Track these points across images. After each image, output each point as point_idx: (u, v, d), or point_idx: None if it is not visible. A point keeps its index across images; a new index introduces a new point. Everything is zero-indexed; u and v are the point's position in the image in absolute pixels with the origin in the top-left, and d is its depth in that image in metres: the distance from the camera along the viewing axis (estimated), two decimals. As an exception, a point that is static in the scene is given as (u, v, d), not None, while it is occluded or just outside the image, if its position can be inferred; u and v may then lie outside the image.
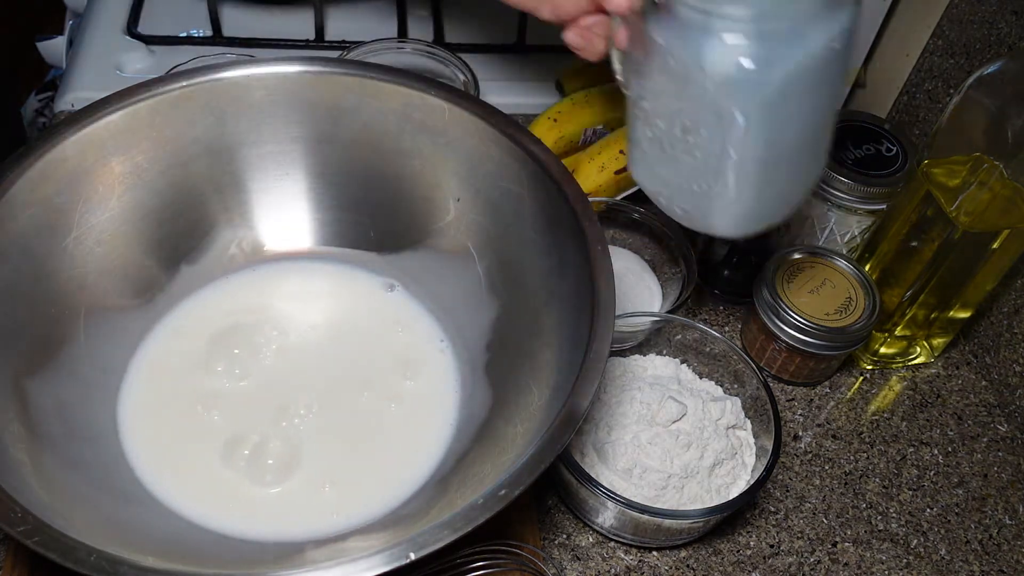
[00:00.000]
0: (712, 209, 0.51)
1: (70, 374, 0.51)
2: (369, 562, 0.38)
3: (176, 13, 0.83)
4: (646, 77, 0.49)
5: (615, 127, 0.73)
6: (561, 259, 0.51)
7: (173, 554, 0.43)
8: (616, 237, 0.71)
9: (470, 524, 0.39)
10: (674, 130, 0.49)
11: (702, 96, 0.46)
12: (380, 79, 0.56)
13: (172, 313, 0.57)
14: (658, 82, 0.49)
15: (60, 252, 0.52)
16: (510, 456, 0.44)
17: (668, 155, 0.50)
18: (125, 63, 0.78)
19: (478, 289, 0.57)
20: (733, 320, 0.70)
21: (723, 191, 0.50)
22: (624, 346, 0.62)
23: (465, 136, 0.55)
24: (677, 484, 0.55)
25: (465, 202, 0.57)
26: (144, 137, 0.54)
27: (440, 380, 0.56)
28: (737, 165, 0.48)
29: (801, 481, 0.61)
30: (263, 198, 0.59)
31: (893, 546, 0.59)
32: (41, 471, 0.44)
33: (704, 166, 0.49)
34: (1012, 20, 0.67)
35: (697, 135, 0.48)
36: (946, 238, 0.58)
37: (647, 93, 0.50)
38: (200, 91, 0.55)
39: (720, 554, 0.57)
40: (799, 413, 0.65)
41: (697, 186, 0.50)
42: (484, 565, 0.51)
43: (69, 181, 0.52)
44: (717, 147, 0.48)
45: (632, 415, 0.56)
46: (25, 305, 0.49)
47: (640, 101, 0.51)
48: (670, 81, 0.48)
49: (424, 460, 0.52)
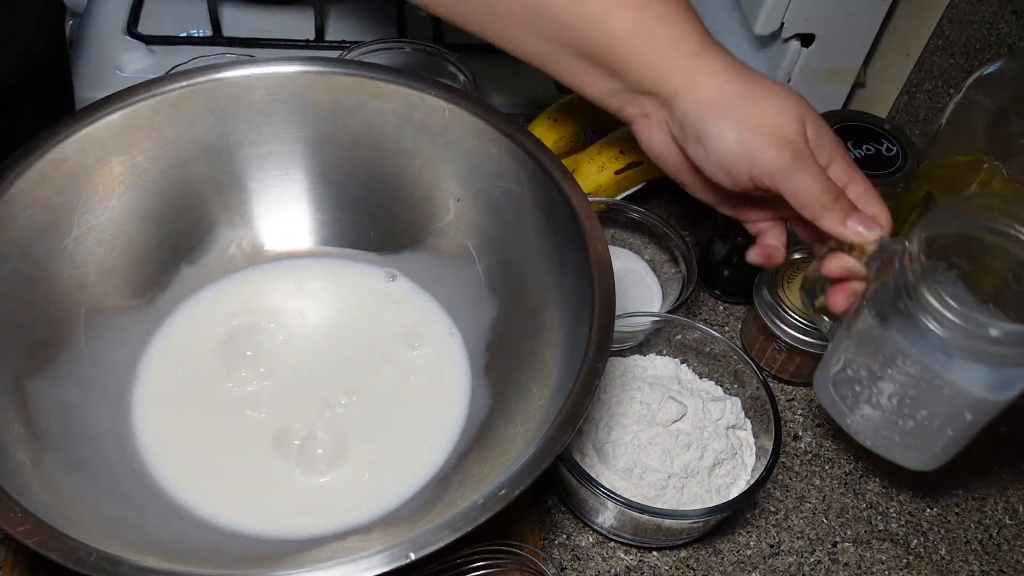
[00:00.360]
0: (905, 452, 0.53)
1: (70, 374, 0.51)
2: (369, 562, 0.38)
3: (176, 13, 0.82)
4: (861, 345, 0.50)
5: (615, 127, 0.73)
6: (561, 259, 0.51)
7: (174, 554, 0.43)
8: (616, 237, 0.71)
9: (470, 524, 0.39)
10: (885, 394, 0.51)
11: (933, 391, 0.48)
12: (380, 79, 0.56)
13: (172, 313, 0.57)
14: (876, 358, 0.50)
15: (60, 252, 0.52)
16: (510, 456, 0.44)
17: (870, 403, 0.52)
18: (125, 63, 0.78)
19: (478, 289, 0.57)
20: (733, 320, 0.70)
21: (924, 449, 0.52)
22: (624, 346, 0.62)
23: (465, 136, 0.55)
24: (677, 484, 0.55)
25: (465, 202, 0.57)
26: (144, 137, 0.54)
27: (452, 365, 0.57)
28: (949, 439, 0.50)
29: (801, 481, 0.61)
30: (263, 198, 0.59)
31: (893, 546, 0.59)
32: (42, 472, 0.44)
33: (912, 430, 0.51)
34: (1012, 20, 0.67)
35: (915, 410, 0.50)
36: (946, 238, 0.58)
37: (856, 355, 0.51)
38: (200, 91, 0.55)
39: (720, 554, 0.57)
40: (799, 413, 0.65)
41: (899, 437, 0.52)
42: (484, 565, 0.51)
43: (69, 181, 0.52)
44: (934, 424, 0.50)
45: (632, 415, 0.57)
46: (25, 305, 0.49)
47: (843, 351, 0.52)
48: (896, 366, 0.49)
49: (427, 459, 0.52)
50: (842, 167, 0.51)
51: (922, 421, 0.50)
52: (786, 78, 0.82)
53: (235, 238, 0.59)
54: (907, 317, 0.46)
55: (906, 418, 0.51)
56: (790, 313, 0.62)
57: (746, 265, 0.66)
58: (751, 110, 0.49)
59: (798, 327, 0.62)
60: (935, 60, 0.76)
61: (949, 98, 0.59)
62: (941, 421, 0.50)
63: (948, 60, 0.75)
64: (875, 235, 0.49)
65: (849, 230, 0.49)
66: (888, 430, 0.53)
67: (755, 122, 0.49)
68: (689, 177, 0.55)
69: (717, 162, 0.50)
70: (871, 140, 0.66)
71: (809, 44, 0.79)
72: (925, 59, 0.78)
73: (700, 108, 0.49)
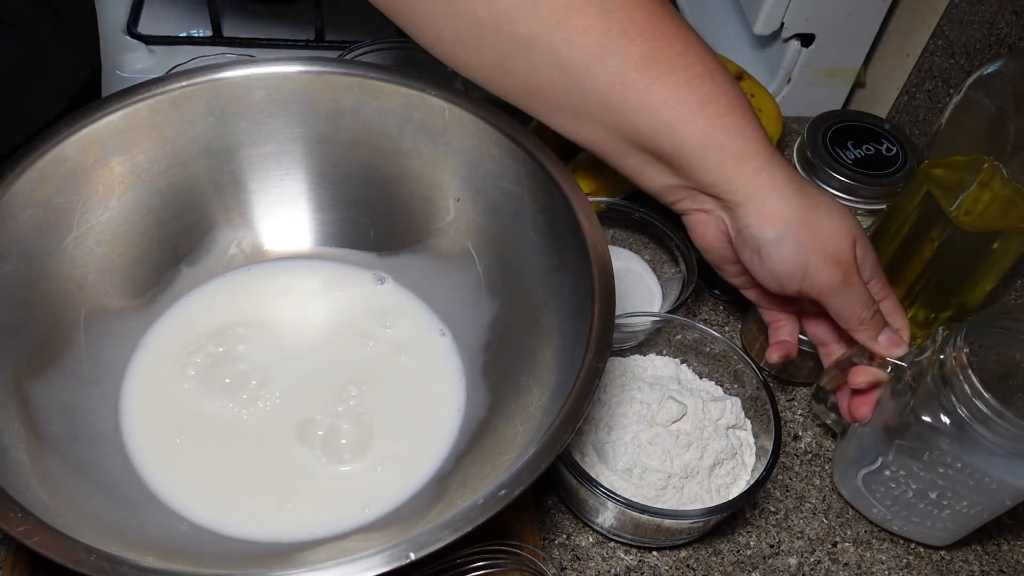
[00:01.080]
0: (932, 534, 0.57)
1: (70, 374, 0.51)
2: (369, 562, 0.38)
3: (176, 13, 0.83)
4: (903, 450, 0.53)
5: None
6: (561, 259, 0.51)
7: (173, 554, 0.43)
8: (616, 237, 0.71)
9: (470, 524, 0.39)
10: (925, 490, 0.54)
11: (981, 486, 0.52)
12: (380, 79, 0.56)
13: (173, 313, 0.57)
14: (919, 461, 0.53)
15: (60, 252, 0.52)
16: (510, 456, 0.44)
17: (904, 496, 0.56)
18: (125, 63, 0.78)
19: (478, 289, 0.57)
20: (733, 320, 0.70)
21: (954, 531, 0.57)
22: (624, 346, 0.62)
23: (465, 136, 0.55)
24: (677, 484, 0.55)
25: (465, 202, 0.57)
26: (144, 137, 0.54)
27: (443, 364, 0.57)
28: (982, 520, 0.55)
29: (801, 481, 0.61)
30: (263, 198, 0.59)
31: (893, 546, 0.59)
32: (41, 471, 0.44)
33: (947, 517, 0.55)
34: (1012, 20, 0.67)
35: (955, 502, 0.54)
36: (946, 238, 0.58)
37: (896, 458, 0.54)
38: (200, 91, 0.55)
39: (720, 554, 0.57)
40: (799, 413, 0.65)
41: (931, 522, 0.56)
42: (484, 565, 0.51)
43: (69, 181, 0.51)
44: (972, 512, 0.54)
45: (632, 415, 0.56)
46: (25, 305, 0.49)
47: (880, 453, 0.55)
48: (943, 468, 0.52)
49: (426, 459, 0.52)
50: (879, 284, 0.55)
51: (960, 509, 0.54)
52: (786, 78, 0.82)
53: (235, 238, 0.59)
54: (957, 426, 0.50)
55: (943, 508, 0.54)
56: (790, 313, 0.62)
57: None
58: (810, 231, 0.51)
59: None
60: (935, 60, 0.77)
61: (949, 98, 0.59)
62: (980, 508, 0.54)
63: (948, 60, 0.75)
64: (901, 351, 0.54)
65: (880, 345, 0.53)
66: (920, 517, 0.56)
67: (814, 244, 0.51)
68: (732, 269, 0.57)
69: (770, 273, 0.53)
70: (871, 140, 0.66)
71: (809, 44, 0.79)
72: (925, 59, 0.78)
73: (763, 221, 0.51)
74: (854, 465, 0.57)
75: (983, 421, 0.48)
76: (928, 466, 0.52)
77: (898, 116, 0.82)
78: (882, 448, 0.54)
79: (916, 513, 0.56)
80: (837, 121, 0.67)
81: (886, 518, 0.58)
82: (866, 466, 0.56)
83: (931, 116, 0.78)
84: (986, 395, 0.48)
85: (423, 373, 0.56)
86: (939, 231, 0.58)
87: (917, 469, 0.53)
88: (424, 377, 0.56)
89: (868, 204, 0.65)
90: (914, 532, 0.58)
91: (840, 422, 0.60)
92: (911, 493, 0.55)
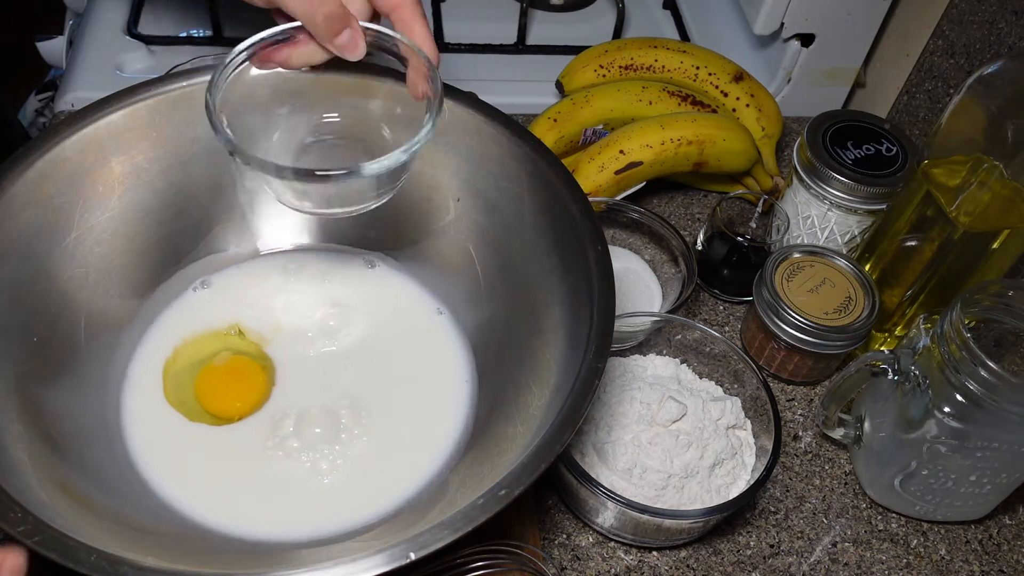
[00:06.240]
0: (973, 510, 0.59)
1: (71, 374, 0.51)
2: (369, 562, 0.38)
3: (176, 13, 0.83)
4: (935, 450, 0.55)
5: (615, 127, 0.73)
6: (561, 259, 0.51)
7: (173, 554, 0.43)
8: (616, 237, 0.71)
9: (470, 524, 0.39)
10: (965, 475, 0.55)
11: (1017, 457, 0.53)
12: (380, 79, 0.56)
13: (173, 313, 0.57)
14: (957, 454, 0.54)
15: (60, 252, 0.52)
16: (510, 456, 0.44)
17: (944, 487, 0.57)
18: (125, 63, 0.78)
19: (478, 289, 0.57)
20: (733, 320, 0.70)
21: (990, 502, 0.58)
22: (624, 346, 0.62)
23: (465, 136, 0.55)
24: (677, 484, 0.55)
25: (465, 202, 0.57)
26: (144, 137, 0.54)
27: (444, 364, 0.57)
28: (1015, 486, 0.57)
29: (801, 481, 0.61)
30: (263, 198, 0.59)
31: (893, 546, 0.59)
32: (42, 471, 0.44)
33: (987, 492, 0.57)
34: (1012, 20, 0.67)
35: (994, 477, 0.55)
36: (946, 238, 0.58)
37: (929, 457, 0.55)
38: (200, 91, 0.54)
39: (720, 554, 0.57)
40: (799, 413, 0.65)
41: (972, 501, 0.58)
42: (484, 565, 0.51)
43: (69, 181, 0.52)
44: (1010, 481, 0.56)
45: (632, 415, 0.56)
46: (25, 305, 0.49)
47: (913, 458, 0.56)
48: (979, 452, 0.54)
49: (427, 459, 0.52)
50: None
51: (999, 483, 0.56)
52: (786, 78, 0.82)
53: (235, 238, 0.59)
54: (975, 404, 0.51)
55: (983, 486, 0.56)
56: (790, 312, 0.62)
57: (746, 265, 0.67)
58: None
59: (798, 326, 0.62)
60: (935, 60, 0.77)
61: (949, 98, 0.59)
62: (1020, 474, 0.56)
63: (948, 60, 0.75)
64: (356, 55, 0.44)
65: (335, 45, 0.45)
66: (962, 501, 0.57)
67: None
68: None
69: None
70: (871, 140, 0.66)
71: (809, 44, 0.79)
72: (925, 59, 0.78)
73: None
74: (885, 473, 0.58)
75: (994, 390, 0.50)
76: (963, 454, 0.54)
77: (898, 116, 0.82)
78: (913, 452, 0.55)
79: (958, 498, 0.57)
80: (837, 121, 0.67)
81: (928, 511, 0.59)
82: (901, 472, 0.57)
83: (931, 116, 0.78)
84: (991, 364, 0.49)
85: (424, 373, 0.56)
86: (939, 231, 0.58)
87: (952, 461, 0.54)
88: (425, 378, 0.56)
89: (868, 204, 0.65)
90: (956, 514, 0.59)
91: (849, 435, 0.61)
92: (950, 483, 0.56)
